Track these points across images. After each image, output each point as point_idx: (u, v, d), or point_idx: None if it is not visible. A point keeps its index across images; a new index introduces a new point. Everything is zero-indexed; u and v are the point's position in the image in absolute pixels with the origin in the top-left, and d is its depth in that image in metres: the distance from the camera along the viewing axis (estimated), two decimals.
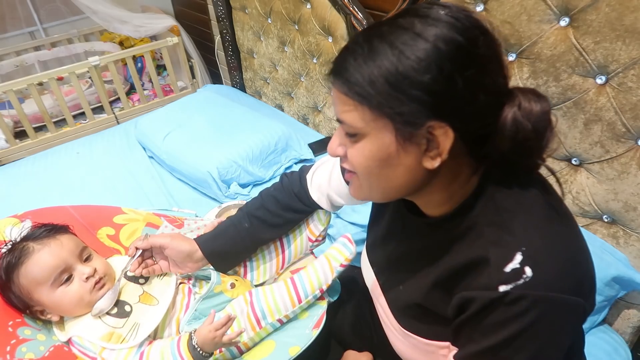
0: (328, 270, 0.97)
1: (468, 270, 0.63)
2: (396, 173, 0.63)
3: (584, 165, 1.14)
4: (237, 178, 1.72)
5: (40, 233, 0.94)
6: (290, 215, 1.01)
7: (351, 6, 1.57)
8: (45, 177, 1.88)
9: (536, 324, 0.57)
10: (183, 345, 0.87)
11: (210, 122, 1.96)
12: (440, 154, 0.59)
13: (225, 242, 0.99)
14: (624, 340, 1.19)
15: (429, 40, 0.55)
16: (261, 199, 1.01)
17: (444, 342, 0.71)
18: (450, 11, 0.57)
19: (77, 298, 0.90)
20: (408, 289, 0.77)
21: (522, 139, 0.57)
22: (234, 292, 0.99)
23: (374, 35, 0.59)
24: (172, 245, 0.95)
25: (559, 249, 0.60)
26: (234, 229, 0.99)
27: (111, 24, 2.66)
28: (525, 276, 0.57)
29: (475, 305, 0.60)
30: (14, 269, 0.89)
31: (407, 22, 0.57)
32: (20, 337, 0.86)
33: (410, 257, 0.78)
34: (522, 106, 0.58)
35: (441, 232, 0.69)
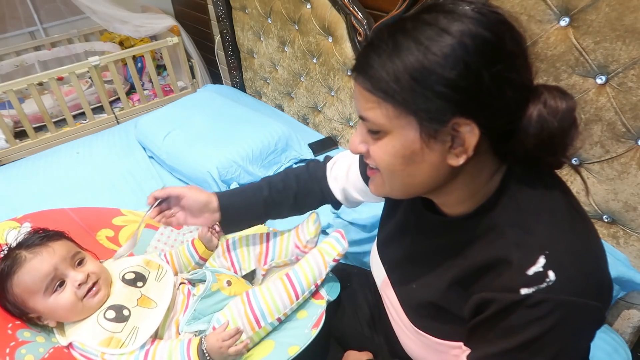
0: (322, 265, 0.98)
1: (488, 271, 0.63)
2: (420, 170, 0.62)
3: (584, 165, 1.14)
4: (237, 178, 1.72)
5: (33, 241, 0.94)
6: (307, 198, 1.02)
7: (351, 6, 1.57)
8: (45, 177, 1.88)
9: (556, 328, 0.56)
10: (193, 349, 0.87)
11: (210, 122, 1.96)
12: (465, 151, 0.59)
13: (242, 201, 1.00)
14: (624, 341, 1.19)
15: (455, 35, 0.54)
16: (285, 175, 1.03)
17: (457, 343, 0.71)
18: (475, 7, 0.56)
19: (71, 305, 0.90)
20: (422, 287, 0.76)
21: (547, 136, 0.57)
22: (230, 289, 0.99)
23: (398, 31, 0.58)
24: (189, 195, 0.95)
25: (582, 253, 0.59)
26: (252, 193, 1.00)
27: (111, 24, 2.66)
28: (548, 280, 0.56)
29: (495, 306, 0.60)
30: (7, 279, 0.89)
31: (432, 17, 0.57)
32: (19, 340, 0.86)
33: (426, 255, 0.77)
34: (548, 103, 0.57)
35: (460, 231, 0.68)
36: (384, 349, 1.00)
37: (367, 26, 1.53)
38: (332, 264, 0.99)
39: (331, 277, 1.06)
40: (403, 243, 0.84)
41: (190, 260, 1.14)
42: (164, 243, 1.23)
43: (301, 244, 1.07)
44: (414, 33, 0.56)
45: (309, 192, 1.01)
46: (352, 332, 1.06)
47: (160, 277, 1.00)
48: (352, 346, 1.05)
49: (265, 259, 1.09)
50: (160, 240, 1.23)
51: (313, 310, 0.98)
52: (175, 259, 1.13)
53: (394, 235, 0.87)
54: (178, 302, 0.99)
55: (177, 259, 1.13)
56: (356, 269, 1.20)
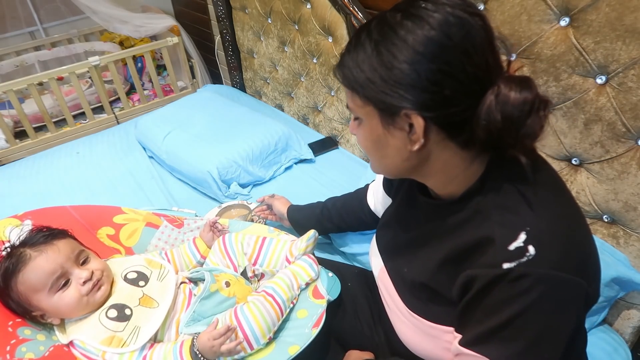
0: (295, 287, 1.02)
1: (474, 250, 0.65)
2: (388, 153, 0.70)
3: (584, 165, 1.14)
4: (237, 178, 1.72)
5: (37, 239, 0.94)
6: (349, 217, 1.24)
7: (351, 6, 1.57)
8: (45, 177, 1.88)
9: (539, 302, 0.58)
10: (185, 350, 0.87)
11: (210, 122, 1.96)
12: (418, 138, 0.64)
13: (302, 217, 1.34)
14: (624, 341, 1.19)
15: (405, 37, 0.60)
16: (340, 198, 1.29)
17: (448, 327, 0.73)
18: (435, 4, 0.61)
19: (75, 302, 0.90)
20: (415, 268, 0.79)
21: (495, 128, 0.59)
22: (229, 290, 0.99)
23: (362, 30, 0.66)
24: (275, 205, 1.40)
25: (563, 230, 0.61)
26: (312, 211, 1.32)
27: (111, 24, 2.66)
28: (528, 254, 0.58)
29: (479, 282, 0.62)
30: (12, 277, 0.89)
31: (391, 16, 0.63)
32: (20, 337, 0.86)
33: (418, 238, 0.80)
34: (499, 96, 0.59)
35: (449, 214, 0.72)
36: (384, 348, 1.00)
37: None
38: (303, 286, 1.04)
39: (331, 277, 1.06)
40: (398, 227, 0.88)
41: (192, 259, 1.14)
42: (165, 242, 1.23)
43: (292, 257, 1.09)
44: (373, 33, 0.64)
45: (349, 211, 1.23)
46: (352, 332, 1.06)
47: (162, 277, 1.00)
48: (353, 346, 1.05)
49: (255, 262, 1.09)
50: (161, 239, 1.23)
51: (313, 310, 0.99)
52: (176, 257, 1.13)
53: (390, 220, 0.92)
54: (179, 301, 0.99)
55: (179, 257, 1.13)
56: (356, 269, 1.20)
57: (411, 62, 0.60)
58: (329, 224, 1.28)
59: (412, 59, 0.60)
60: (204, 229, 1.15)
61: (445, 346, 0.74)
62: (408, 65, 0.60)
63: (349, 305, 1.08)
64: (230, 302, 0.97)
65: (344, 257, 1.40)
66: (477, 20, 0.61)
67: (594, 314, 1.15)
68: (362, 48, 0.64)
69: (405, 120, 0.64)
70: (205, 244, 1.14)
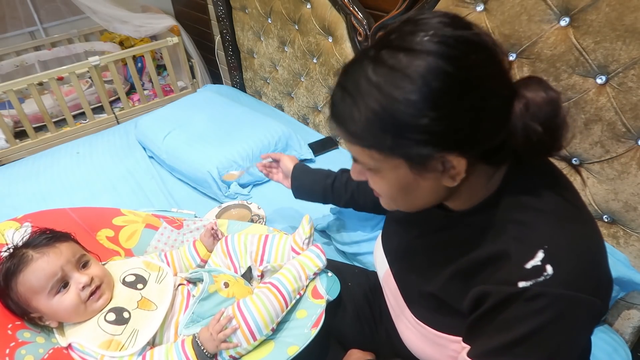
0: (303, 277, 1.01)
1: (488, 264, 0.63)
2: (419, 195, 0.65)
3: (584, 165, 1.14)
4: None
5: (40, 241, 0.94)
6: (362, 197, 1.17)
7: (351, 6, 1.56)
8: (45, 177, 1.88)
9: (554, 322, 0.57)
10: (188, 344, 0.88)
11: (210, 122, 1.96)
12: (458, 174, 0.60)
13: (308, 178, 1.24)
14: (624, 341, 1.19)
15: (418, 78, 0.53)
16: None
17: (456, 337, 0.71)
18: (435, 35, 0.55)
19: (74, 306, 0.90)
20: (424, 278, 0.77)
21: (536, 140, 0.57)
22: (228, 291, 0.99)
23: (361, 76, 0.58)
24: (283, 160, 1.28)
25: (581, 248, 0.60)
26: (320, 176, 1.23)
27: (111, 24, 2.66)
28: (546, 274, 0.57)
29: (493, 299, 0.61)
30: (13, 277, 0.89)
31: (392, 57, 0.56)
32: (19, 340, 0.86)
33: (429, 248, 0.78)
34: (530, 108, 0.57)
35: (463, 226, 0.70)
36: (385, 348, 1.00)
37: (367, 26, 1.53)
38: (311, 276, 1.03)
39: (331, 277, 1.06)
40: (407, 234, 0.85)
41: (192, 262, 1.14)
42: (164, 243, 1.23)
43: (298, 246, 1.08)
44: (376, 79, 0.56)
45: (366, 192, 1.12)
46: (352, 332, 1.06)
47: (160, 279, 1.00)
48: (353, 346, 1.05)
49: (261, 260, 1.09)
50: (161, 241, 1.23)
51: (313, 310, 0.98)
52: (176, 260, 1.13)
53: (398, 226, 0.89)
54: (177, 303, 0.99)
55: (178, 260, 1.13)
56: (356, 269, 1.20)
57: (438, 106, 0.54)
58: (337, 200, 1.21)
59: (438, 103, 0.53)
60: (205, 234, 1.15)
61: (451, 355, 0.73)
62: (435, 111, 0.54)
63: (349, 305, 1.08)
64: (229, 302, 0.97)
65: (344, 257, 1.40)
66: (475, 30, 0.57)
67: None
68: (367, 97, 0.56)
69: (439, 161, 0.59)
70: (205, 247, 1.14)
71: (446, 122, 0.54)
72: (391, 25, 0.61)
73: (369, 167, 0.64)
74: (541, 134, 0.57)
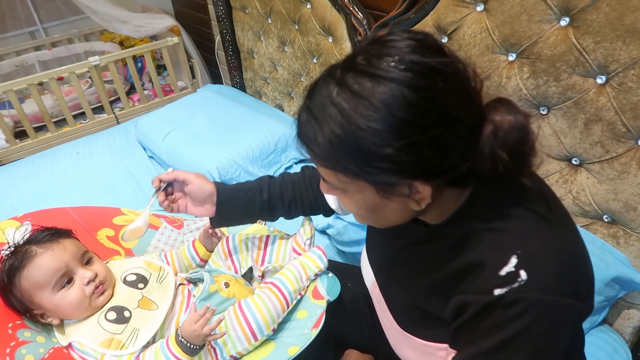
0: (304, 277, 1.01)
1: (465, 274, 0.63)
2: (386, 214, 0.66)
3: (584, 165, 1.14)
4: (237, 178, 1.72)
5: (43, 237, 0.95)
6: (299, 205, 1.02)
7: (351, 6, 1.57)
8: (45, 177, 1.88)
9: (532, 327, 0.57)
10: (172, 341, 0.87)
11: (210, 122, 1.96)
12: (424, 199, 0.60)
13: (241, 201, 0.98)
14: (624, 341, 1.19)
15: (382, 107, 0.52)
16: (282, 179, 1.02)
17: (442, 344, 0.72)
18: (400, 61, 0.53)
19: (78, 301, 0.90)
20: (406, 291, 0.78)
21: (503, 168, 0.57)
22: (229, 291, 0.99)
23: (326, 100, 0.56)
24: (195, 182, 0.94)
25: (555, 251, 0.60)
26: (253, 194, 0.99)
27: (111, 24, 2.66)
28: (520, 279, 0.57)
29: (472, 308, 0.61)
30: (16, 272, 0.90)
31: (356, 82, 0.54)
32: (20, 339, 0.86)
33: (409, 260, 0.78)
34: (498, 133, 0.56)
35: (442, 237, 0.69)
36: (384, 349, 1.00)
37: (367, 26, 1.53)
38: (312, 277, 1.03)
39: (331, 277, 1.06)
40: (388, 247, 0.84)
41: (192, 262, 1.14)
42: (164, 243, 1.23)
43: (299, 247, 1.08)
44: (339, 104, 0.55)
45: (303, 199, 1.02)
46: (352, 332, 1.06)
47: (161, 279, 1.00)
48: (352, 346, 1.05)
49: (262, 261, 1.09)
50: (161, 240, 1.23)
51: (313, 311, 0.98)
52: (176, 260, 1.13)
53: (380, 239, 0.88)
54: (177, 303, 0.99)
55: (178, 260, 1.13)
56: (356, 269, 1.19)
57: (402, 135, 0.53)
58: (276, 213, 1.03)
59: (402, 133, 0.52)
60: (203, 234, 1.15)
61: None
62: (400, 140, 0.53)
63: (348, 305, 1.08)
64: (229, 302, 0.97)
65: (344, 257, 1.40)
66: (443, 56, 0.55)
67: (594, 314, 1.15)
68: (332, 124, 0.55)
69: (405, 185, 0.58)
70: (204, 247, 1.14)
71: (411, 152, 0.54)
72: (360, 45, 0.59)
73: (336, 187, 0.64)
74: (507, 162, 0.56)
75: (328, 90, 0.57)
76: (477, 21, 1.20)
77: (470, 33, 1.23)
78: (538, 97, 1.14)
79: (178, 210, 0.97)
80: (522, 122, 0.57)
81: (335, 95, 0.55)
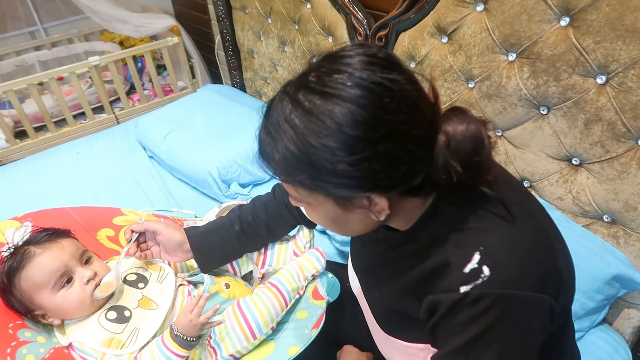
0: (302, 278, 1.01)
1: (434, 275, 0.65)
2: (350, 225, 0.67)
3: (584, 165, 1.14)
4: (237, 178, 1.72)
5: (41, 237, 0.95)
6: (278, 224, 1.04)
7: (351, 6, 1.57)
8: (46, 177, 1.88)
9: (500, 321, 0.58)
10: (167, 337, 0.87)
11: (210, 122, 1.96)
12: (382, 210, 0.61)
13: (215, 241, 1.00)
14: (624, 340, 1.19)
15: (332, 124, 0.54)
16: (253, 205, 1.04)
17: (423, 345, 0.73)
18: (350, 78, 0.54)
19: (79, 301, 0.90)
20: (383, 295, 0.79)
21: (456, 177, 0.58)
22: (229, 292, 0.99)
23: (280, 117, 0.58)
24: (164, 233, 0.96)
25: (517, 246, 0.61)
26: (225, 229, 1.00)
27: (111, 24, 2.66)
28: (483, 275, 0.58)
29: (442, 307, 0.62)
30: (16, 273, 0.90)
31: (307, 99, 0.56)
32: (20, 339, 0.86)
33: (386, 265, 0.80)
34: (451, 144, 0.57)
35: (410, 243, 0.71)
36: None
37: (367, 26, 1.53)
38: (310, 278, 1.03)
39: (331, 278, 1.06)
40: (367, 253, 0.86)
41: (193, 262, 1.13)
42: None
43: (299, 250, 1.09)
44: (292, 121, 0.56)
45: (279, 217, 1.03)
46: (351, 332, 1.06)
47: (161, 279, 1.00)
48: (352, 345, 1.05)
49: (262, 264, 1.09)
50: None
51: (313, 311, 0.99)
52: None
53: (360, 245, 0.90)
54: (177, 303, 0.99)
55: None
56: None
57: (353, 151, 0.54)
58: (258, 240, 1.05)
59: (353, 149, 0.54)
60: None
61: None
62: (351, 157, 0.54)
63: (348, 305, 1.08)
64: (230, 303, 0.97)
65: (344, 257, 1.40)
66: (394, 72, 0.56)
67: (594, 313, 1.15)
68: (286, 140, 0.56)
69: (364, 197, 0.60)
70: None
71: (362, 167, 0.55)
72: (314, 62, 0.61)
73: (299, 200, 0.65)
74: (461, 173, 0.57)
75: (282, 107, 0.58)
76: (477, 21, 1.20)
77: (470, 33, 1.23)
78: (538, 97, 1.14)
79: (152, 257, 1.00)
80: (474, 132, 0.58)
81: (289, 112, 0.57)
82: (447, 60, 1.32)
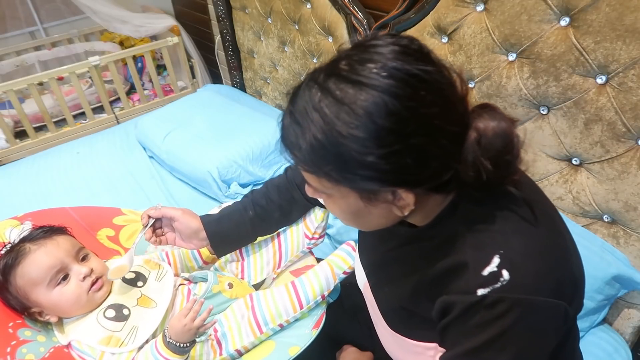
0: (330, 277, 0.98)
1: (449, 275, 0.64)
2: (371, 219, 0.66)
3: (584, 165, 1.14)
4: (237, 178, 1.72)
5: (37, 234, 0.95)
6: (292, 206, 1.03)
7: (351, 6, 1.57)
8: (46, 177, 1.88)
9: (515, 326, 0.57)
10: (159, 342, 0.86)
11: (210, 122, 1.96)
12: (407, 205, 0.60)
13: (229, 226, 1.00)
14: (624, 340, 1.19)
15: (363, 114, 0.52)
16: (265, 189, 1.03)
17: (431, 344, 0.72)
18: (383, 68, 0.53)
19: (75, 298, 0.90)
20: (394, 292, 0.78)
21: (485, 174, 0.57)
22: (232, 292, 0.99)
23: (308, 105, 0.56)
24: (181, 219, 0.97)
25: (537, 251, 0.60)
26: (239, 214, 1.01)
27: (111, 24, 2.66)
28: (502, 279, 0.57)
29: (456, 309, 0.61)
30: (11, 270, 0.90)
31: (338, 88, 0.54)
32: (20, 338, 0.86)
33: (398, 261, 0.79)
34: (482, 141, 0.56)
35: (425, 240, 0.70)
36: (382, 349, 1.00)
37: (367, 26, 1.53)
38: (342, 276, 0.99)
39: None
40: (381, 247, 0.85)
41: (194, 264, 1.13)
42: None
43: (310, 232, 1.06)
44: (321, 109, 0.54)
45: (292, 200, 1.02)
46: (352, 332, 1.06)
47: (160, 277, 1.00)
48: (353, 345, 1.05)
49: (279, 262, 1.08)
50: None
51: (314, 311, 0.99)
52: (178, 261, 1.13)
53: (370, 240, 0.89)
54: (177, 302, 0.99)
55: (180, 261, 1.13)
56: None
57: (384, 144, 0.53)
58: (272, 224, 1.05)
59: (383, 142, 0.52)
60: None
61: None
62: (381, 148, 0.53)
63: (348, 305, 1.08)
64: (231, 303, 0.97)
65: None
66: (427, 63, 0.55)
67: (594, 313, 1.15)
68: (315, 129, 0.55)
69: (389, 192, 0.59)
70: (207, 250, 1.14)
71: (392, 161, 0.54)
72: (343, 49, 0.59)
73: (320, 191, 0.64)
74: (491, 170, 0.56)
75: (310, 95, 0.56)
76: (477, 21, 1.20)
77: (470, 33, 1.23)
78: (538, 97, 1.14)
79: (167, 243, 1.00)
80: (505, 129, 0.57)
81: (318, 100, 0.55)
82: (447, 60, 1.32)
